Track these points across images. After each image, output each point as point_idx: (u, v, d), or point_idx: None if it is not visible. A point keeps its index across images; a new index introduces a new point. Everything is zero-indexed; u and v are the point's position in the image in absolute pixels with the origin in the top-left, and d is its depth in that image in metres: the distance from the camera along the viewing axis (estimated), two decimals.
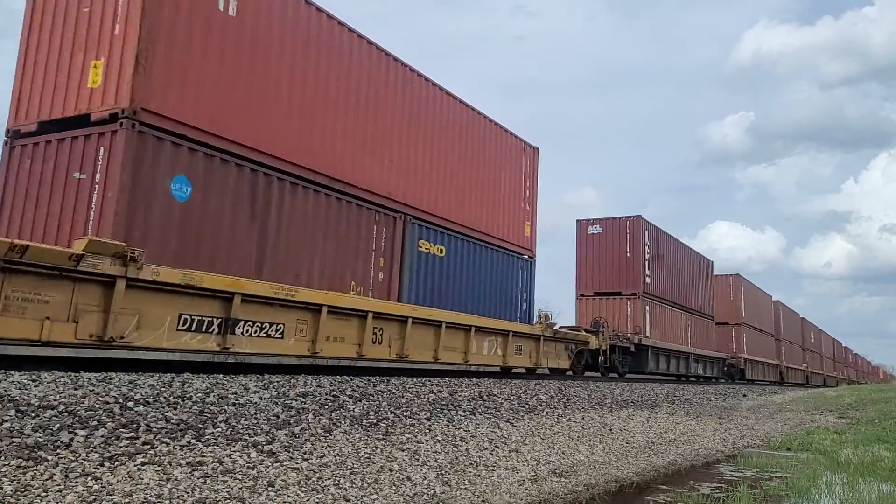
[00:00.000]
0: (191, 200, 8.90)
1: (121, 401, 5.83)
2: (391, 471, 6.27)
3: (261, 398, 7.08)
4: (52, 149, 8.77)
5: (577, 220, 24.82)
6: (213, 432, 5.81)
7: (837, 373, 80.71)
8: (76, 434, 5.01)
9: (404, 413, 8.20)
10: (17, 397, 5.34)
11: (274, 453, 5.80)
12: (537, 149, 17.78)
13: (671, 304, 26.70)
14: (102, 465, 4.73)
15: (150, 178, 8.43)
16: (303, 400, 7.47)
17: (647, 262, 24.43)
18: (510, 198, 16.35)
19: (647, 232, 24.64)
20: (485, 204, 15.30)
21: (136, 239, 8.09)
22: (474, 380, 12.20)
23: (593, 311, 23.55)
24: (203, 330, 8.22)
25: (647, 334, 23.92)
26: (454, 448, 7.50)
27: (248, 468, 5.38)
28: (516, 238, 16.47)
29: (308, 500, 5.19)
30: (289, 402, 7.25)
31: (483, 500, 6.22)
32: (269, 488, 5.17)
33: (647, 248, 24.54)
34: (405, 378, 10.45)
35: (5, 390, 5.44)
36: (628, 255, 24.01)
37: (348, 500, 5.41)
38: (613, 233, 24.20)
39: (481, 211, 15.16)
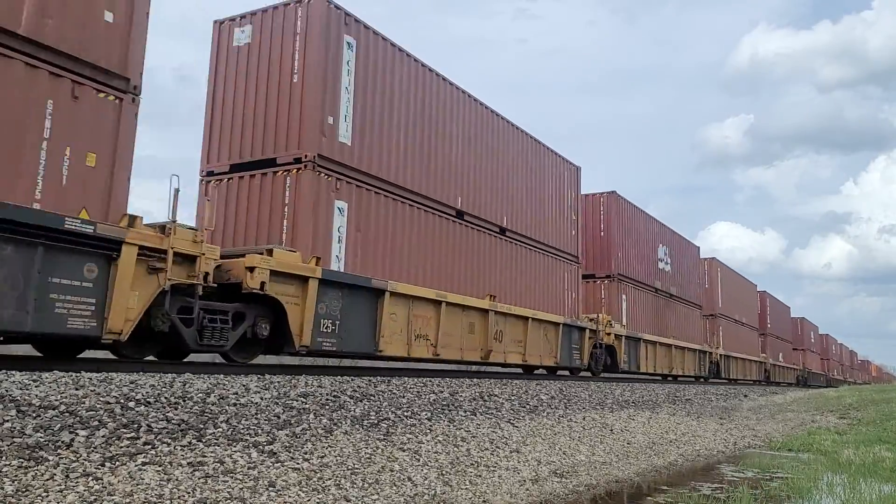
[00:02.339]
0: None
1: (122, 401, 5.83)
2: (392, 471, 6.27)
3: (262, 398, 7.08)
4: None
5: (215, 21, 17.68)
6: (213, 432, 5.81)
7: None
8: (77, 434, 5.01)
9: (405, 413, 8.20)
10: (19, 397, 5.35)
11: (275, 453, 5.81)
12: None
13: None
14: (103, 466, 4.73)
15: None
16: (304, 400, 7.47)
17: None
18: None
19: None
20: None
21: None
22: (475, 380, 12.20)
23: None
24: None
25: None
26: (455, 448, 7.50)
27: (249, 468, 5.38)
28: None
29: (309, 501, 5.19)
30: (290, 402, 7.25)
31: (484, 501, 6.22)
32: (270, 488, 5.17)
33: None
34: (406, 378, 10.45)
35: (6, 390, 5.44)
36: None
37: (349, 501, 5.41)
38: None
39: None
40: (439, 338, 12.31)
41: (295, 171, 10.75)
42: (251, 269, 8.92)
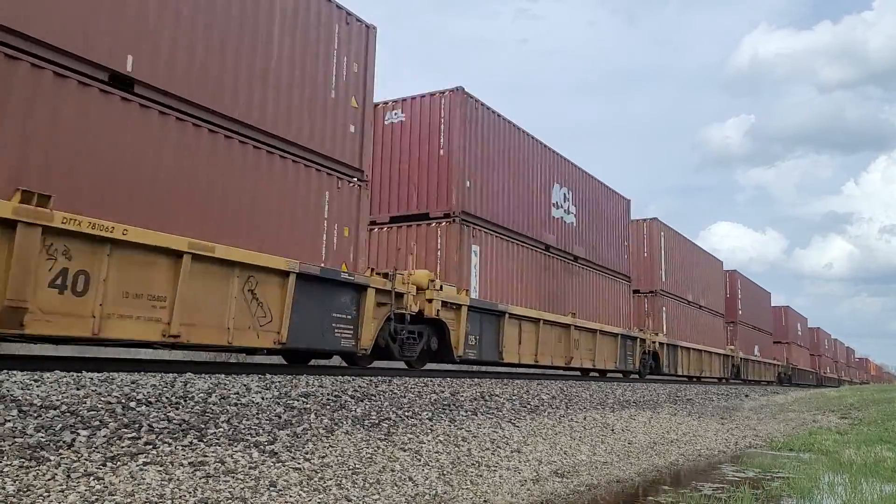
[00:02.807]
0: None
1: (123, 401, 5.83)
2: (393, 471, 6.27)
3: (263, 398, 7.08)
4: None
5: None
6: (215, 432, 5.82)
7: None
8: (78, 434, 5.01)
9: (406, 413, 8.20)
10: (20, 397, 5.35)
11: (276, 453, 5.81)
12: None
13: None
14: (105, 465, 4.73)
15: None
16: (304, 400, 7.47)
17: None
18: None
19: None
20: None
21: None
22: (476, 380, 12.20)
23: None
24: None
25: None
26: (456, 448, 7.50)
27: (250, 468, 5.38)
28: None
29: (310, 501, 5.20)
30: (291, 402, 7.25)
31: (485, 501, 6.22)
32: (271, 488, 5.17)
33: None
34: (407, 378, 10.46)
35: (8, 390, 5.44)
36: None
37: (350, 501, 5.41)
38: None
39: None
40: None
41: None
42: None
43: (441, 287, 12.39)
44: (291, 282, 9.05)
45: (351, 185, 11.11)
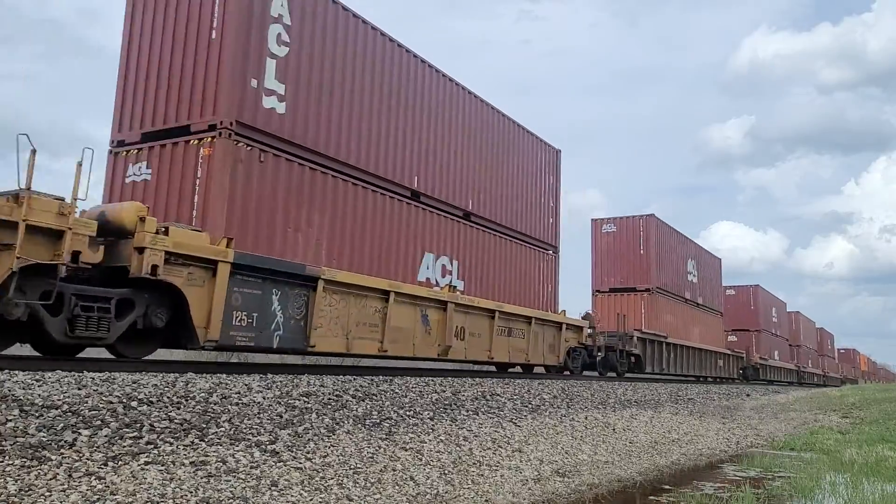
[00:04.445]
0: None
1: (124, 400, 5.84)
2: (394, 470, 6.27)
3: (264, 398, 7.08)
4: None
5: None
6: (216, 432, 5.82)
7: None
8: (80, 434, 5.02)
9: (407, 413, 8.20)
10: (21, 397, 5.36)
11: (277, 453, 5.81)
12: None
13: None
14: (106, 465, 4.73)
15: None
16: (306, 399, 7.47)
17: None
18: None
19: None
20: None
21: None
22: (477, 379, 12.19)
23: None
24: None
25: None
26: (457, 448, 7.50)
27: (252, 468, 5.38)
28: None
29: (311, 500, 5.20)
30: (292, 401, 7.26)
31: (486, 500, 6.22)
32: (273, 488, 5.18)
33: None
34: (408, 378, 10.45)
35: (9, 390, 5.45)
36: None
37: (351, 500, 5.41)
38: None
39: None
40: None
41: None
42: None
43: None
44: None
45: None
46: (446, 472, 6.68)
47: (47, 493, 4.21)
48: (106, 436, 5.11)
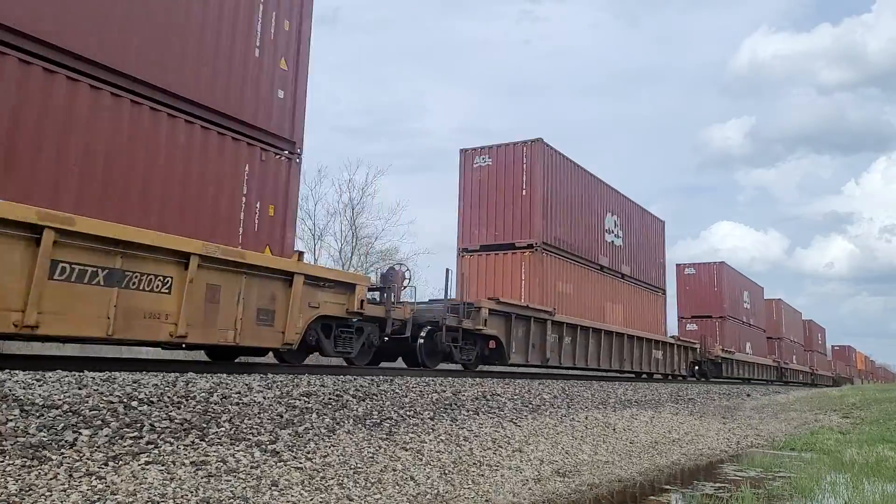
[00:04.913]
0: None
1: (125, 400, 5.84)
2: (395, 470, 6.27)
3: (264, 398, 7.09)
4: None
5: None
6: (216, 432, 5.82)
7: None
8: (80, 433, 5.02)
9: (408, 413, 8.20)
10: (22, 397, 5.36)
11: (277, 453, 5.81)
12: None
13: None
14: (107, 465, 4.74)
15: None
16: (306, 399, 7.47)
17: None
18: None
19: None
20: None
21: None
22: (478, 379, 12.20)
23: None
24: None
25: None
26: (457, 448, 7.50)
27: (252, 468, 5.39)
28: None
29: (311, 500, 5.20)
30: (292, 401, 7.26)
31: (486, 500, 6.22)
32: (273, 488, 5.18)
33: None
34: (409, 378, 10.45)
35: (10, 390, 5.45)
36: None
37: (352, 500, 5.41)
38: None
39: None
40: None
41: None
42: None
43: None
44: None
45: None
46: (447, 471, 6.68)
47: (48, 493, 4.21)
48: (106, 435, 5.11)
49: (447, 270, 13.85)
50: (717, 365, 30.27)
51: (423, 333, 13.10)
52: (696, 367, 28.58)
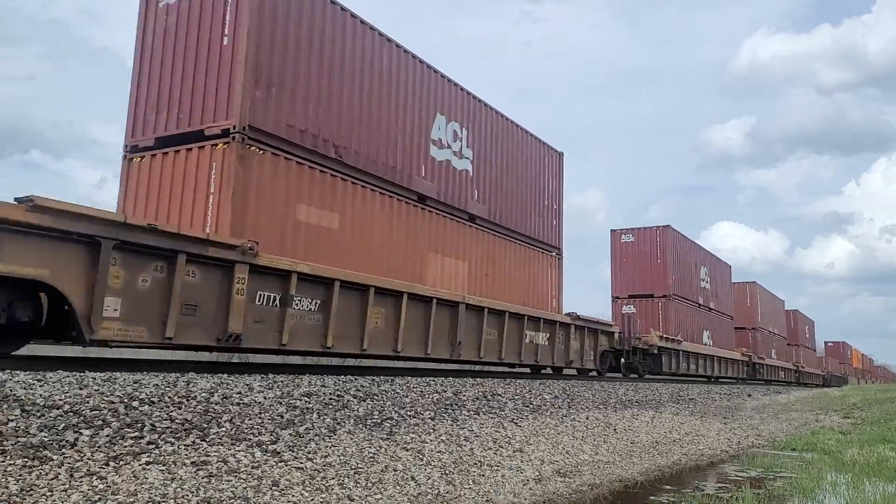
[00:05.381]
0: None
1: (126, 400, 5.84)
2: (395, 470, 6.27)
3: (265, 398, 7.09)
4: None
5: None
6: (217, 432, 5.82)
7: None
8: (81, 434, 5.02)
9: (408, 413, 8.20)
10: (23, 397, 5.36)
11: (278, 453, 5.81)
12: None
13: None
14: (107, 465, 4.74)
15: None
16: (307, 399, 7.47)
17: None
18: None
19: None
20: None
21: None
22: (478, 379, 12.20)
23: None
24: None
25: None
26: (458, 448, 7.50)
27: (253, 468, 5.39)
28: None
29: (312, 500, 5.20)
30: (293, 401, 7.26)
31: (487, 500, 6.22)
32: (274, 488, 5.18)
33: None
34: (409, 378, 10.45)
35: (11, 390, 5.45)
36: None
37: (352, 500, 5.41)
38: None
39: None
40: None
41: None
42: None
43: None
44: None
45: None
46: (447, 472, 6.68)
47: (48, 493, 4.21)
48: (107, 436, 5.11)
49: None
50: (655, 357, 23.32)
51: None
52: (623, 360, 22.12)
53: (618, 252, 27.55)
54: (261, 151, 9.72)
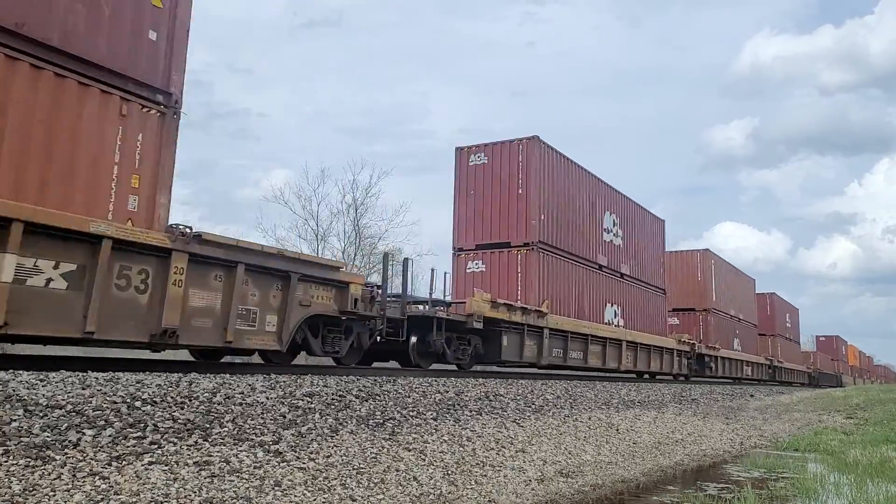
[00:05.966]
0: None
1: (128, 400, 5.85)
2: (398, 471, 6.27)
3: (267, 398, 7.09)
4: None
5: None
6: (219, 432, 5.83)
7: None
8: (84, 433, 5.03)
9: (410, 413, 8.20)
10: (26, 397, 5.37)
11: (280, 453, 5.82)
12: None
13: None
14: (110, 465, 4.74)
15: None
16: (309, 400, 7.48)
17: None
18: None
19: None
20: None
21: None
22: (480, 380, 12.19)
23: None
24: None
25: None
26: (460, 448, 7.50)
27: (255, 468, 5.39)
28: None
29: (314, 500, 5.20)
30: (295, 401, 7.26)
31: (490, 500, 6.22)
32: (276, 488, 5.18)
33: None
34: (411, 378, 10.45)
35: (14, 390, 5.46)
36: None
37: (355, 500, 5.41)
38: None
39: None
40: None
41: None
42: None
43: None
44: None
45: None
46: (449, 472, 6.68)
47: (51, 493, 4.22)
48: (110, 436, 5.12)
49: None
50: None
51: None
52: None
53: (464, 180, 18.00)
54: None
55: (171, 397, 6.25)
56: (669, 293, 26.68)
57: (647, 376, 23.14)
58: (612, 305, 21.15)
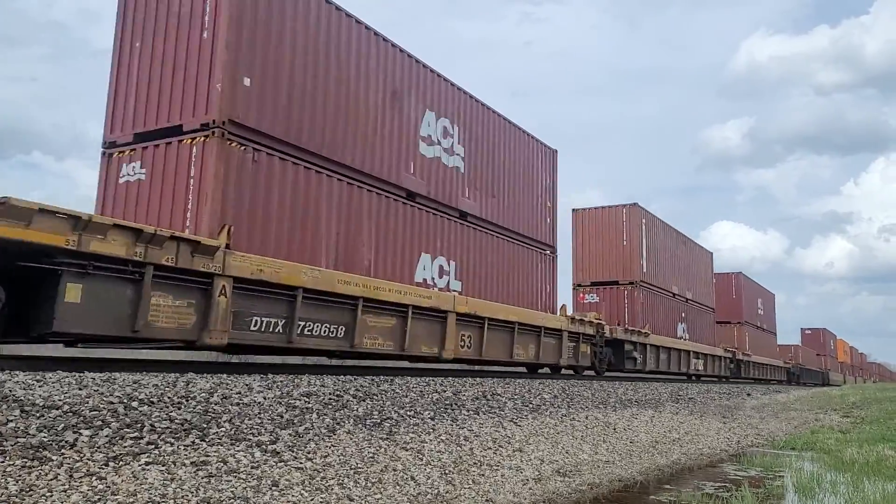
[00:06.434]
0: None
1: (125, 400, 5.84)
2: (395, 470, 6.27)
3: (264, 398, 7.09)
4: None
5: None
6: (217, 432, 5.82)
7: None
8: (81, 434, 5.02)
9: (408, 413, 8.20)
10: (22, 397, 5.36)
11: (278, 453, 5.81)
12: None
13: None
14: (107, 465, 4.74)
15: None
16: (306, 399, 7.47)
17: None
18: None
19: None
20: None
21: None
22: (478, 379, 12.19)
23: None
24: None
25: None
26: (458, 447, 7.50)
27: (252, 468, 5.39)
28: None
29: (312, 500, 5.20)
30: (292, 401, 7.26)
31: (487, 500, 6.22)
32: (273, 488, 5.18)
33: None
34: (409, 378, 10.46)
35: (10, 390, 5.45)
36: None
37: (352, 500, 5.41)
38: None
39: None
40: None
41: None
42: None
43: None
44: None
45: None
46: (447, 471, 6.68)
47: (48, 494, 4.21)
48: (107, 436, 5.11)
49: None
50: None
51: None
52: None
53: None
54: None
55: (168, 397, 6.24)
56: (582, 260, 23.19)
57: (543, 371, 18.06)
58: (434, 257, 13.36)
